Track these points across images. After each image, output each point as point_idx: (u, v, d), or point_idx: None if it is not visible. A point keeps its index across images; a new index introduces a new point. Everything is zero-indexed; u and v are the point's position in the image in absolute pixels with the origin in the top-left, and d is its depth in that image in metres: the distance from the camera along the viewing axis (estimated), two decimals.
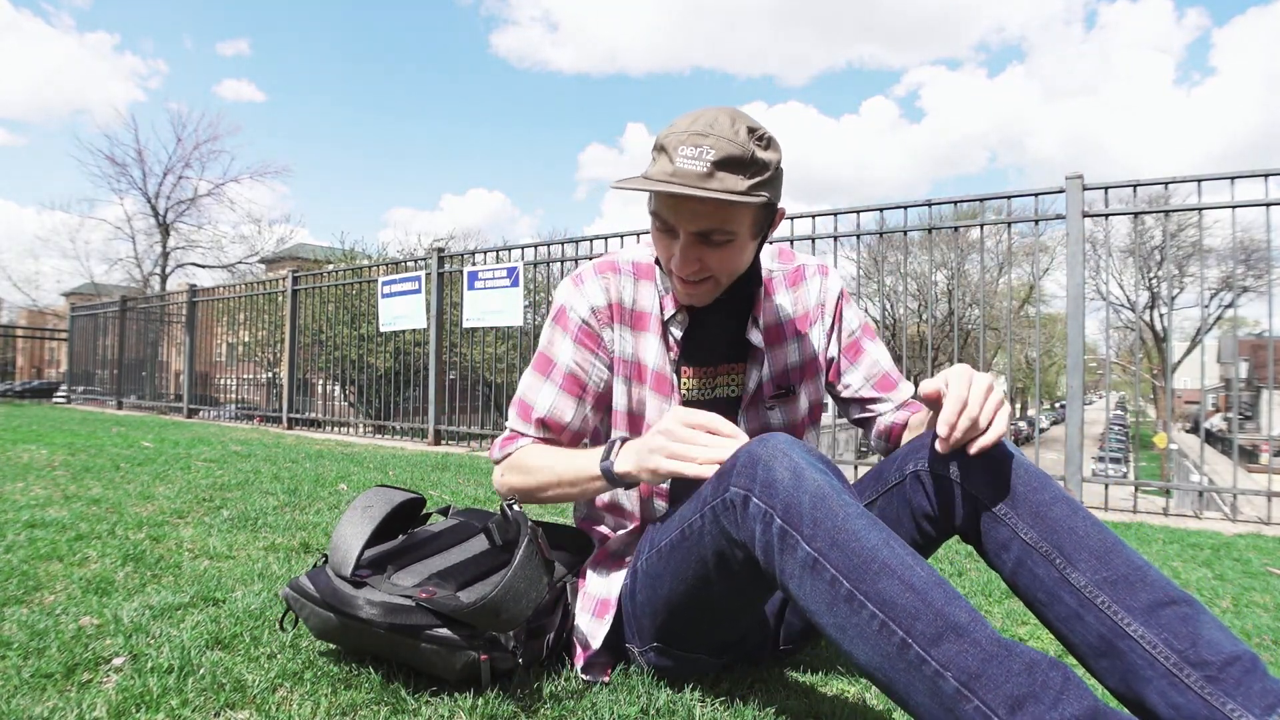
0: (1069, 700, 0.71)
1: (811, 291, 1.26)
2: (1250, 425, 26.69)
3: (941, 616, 0.76)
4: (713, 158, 0.98)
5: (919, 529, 1.05)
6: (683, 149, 1.00)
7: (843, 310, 1.27)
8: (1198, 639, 0.82)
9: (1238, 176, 3.16)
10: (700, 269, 1.08)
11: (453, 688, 1.05)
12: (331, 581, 1.09)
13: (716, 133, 1.00)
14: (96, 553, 1.71)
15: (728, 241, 1.06)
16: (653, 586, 1.06)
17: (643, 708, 1.02)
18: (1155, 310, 25.77)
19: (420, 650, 1.03)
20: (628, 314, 1.19)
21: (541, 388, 1.20)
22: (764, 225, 1.10)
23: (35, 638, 1.17)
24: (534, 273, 5.47)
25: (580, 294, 1.19)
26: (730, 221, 1.04)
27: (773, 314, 1.23)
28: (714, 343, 1.20)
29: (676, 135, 1.02)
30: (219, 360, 8.93)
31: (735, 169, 0.99)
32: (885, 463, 1.10)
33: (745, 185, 1.00)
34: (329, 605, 1.07)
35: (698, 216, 1.03)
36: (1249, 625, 1.60)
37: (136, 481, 2.76)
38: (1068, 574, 0.89)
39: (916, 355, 16.90)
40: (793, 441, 0.92)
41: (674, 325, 1.17)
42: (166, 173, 24.13)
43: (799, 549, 0.84)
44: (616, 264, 1.21)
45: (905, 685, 0.77)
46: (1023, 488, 0.95)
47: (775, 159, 1.04)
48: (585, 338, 1.18)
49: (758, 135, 1.02)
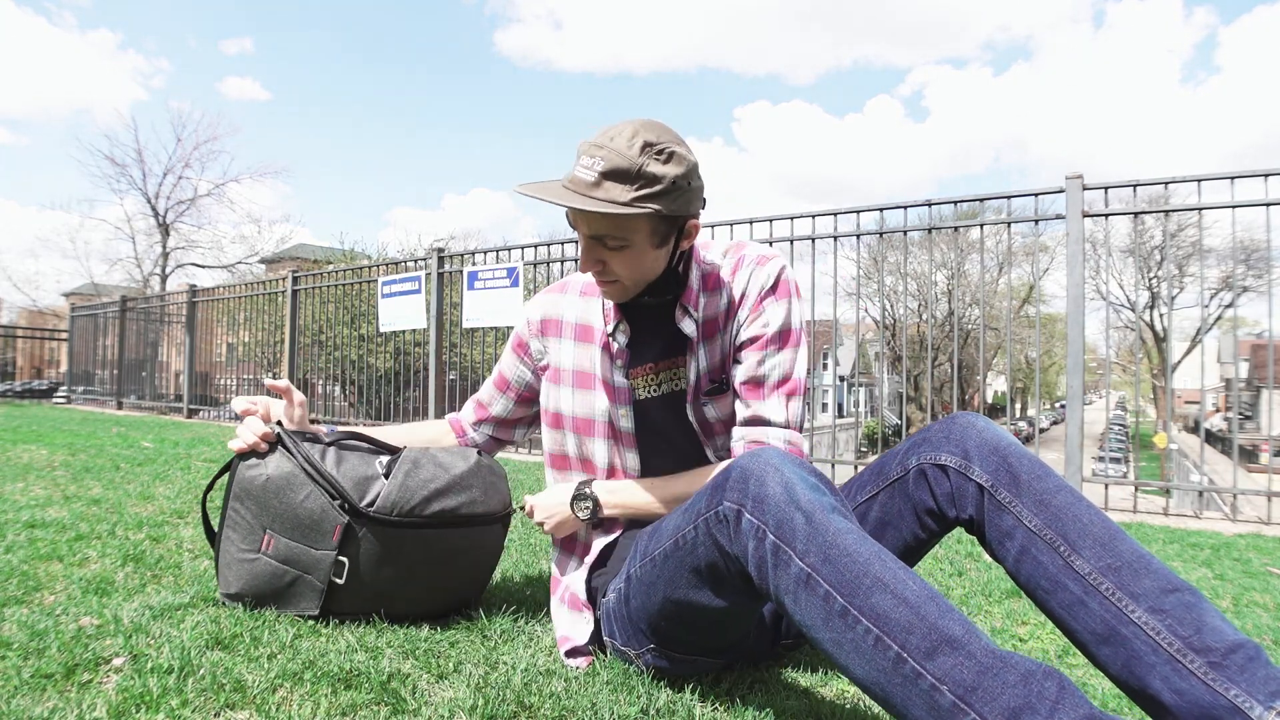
0: (1065, 709, 0.71)
1: (742, 279, 1.23)
2: (1250, 425, 26.69)
3: (936, 630, 0.77)
4: (601, 168, 1.06)
5: (921, 523, 1.06)
6: (583, 157, 1.09)
7: (765, 307, 1.20)
8: (1202, 626, 0.82)
9: (1238, 176, 3.16)
10: (603, 270, 1.16)
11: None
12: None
13: (612, 145, 1.07)
14: (96, 553, 1.71)
15: (622, 247, 1.13)
16: (646, 594, 1.07)
17: (643, 708, 1.02)
18: (1155, 310, 25.82)
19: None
20: (569, 328, 1.33)
21: (490, 379, 1.47)
22: (666, 235, 1.14)
23: (35, 638, 1.17)
24: (534, 273, 5.47)
25: (526, 308, 1.41)
26: (621, 229, 1.11)
27: (711, 307, 1.24)
28: (653, 342, 1.26)
29: (584, 143, 1.10)
30: (219, 360, 8.93)
31: (621, 180, 1.06)
32: (887, 457, 1.12)
33: (628, 196, 1.06)
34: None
35: (588, 221, 1.12)
36: (1249, 625, 1.60)
37: (136, 481, 2.76)
38: (1072, 561, 0.90)
39: (917, 355, 16.89)
40: (785, 456, 0.93)
41: (618, 334, 1.24)
42: (166, 173, 24.12)
43: (792, 564, 0.84)
44: (566, 285, 1.38)
45: (902, 700, 0.77)
46: (1026, 476, 0.96)
47: (673, 173, 1.08)
48: (517, 346, 1.41)
49: (656, 149, 1.07)
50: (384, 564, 1.29)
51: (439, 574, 1.36)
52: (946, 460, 1.02)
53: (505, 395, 1.44)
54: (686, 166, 1.10)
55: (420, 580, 1.33)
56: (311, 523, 1.27)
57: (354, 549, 1.28)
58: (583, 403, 1.30)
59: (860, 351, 26.99)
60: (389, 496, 1.29)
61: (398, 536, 1.29)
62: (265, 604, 1.32)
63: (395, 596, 1.32)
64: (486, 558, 1.44)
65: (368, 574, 1.29)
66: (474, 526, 1.37)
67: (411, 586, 1.33)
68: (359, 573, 1.28)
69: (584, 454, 1.31)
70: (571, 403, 1.31)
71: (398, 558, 1.30)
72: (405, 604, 1.34)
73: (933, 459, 1.03)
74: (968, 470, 1.00)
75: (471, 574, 1.43)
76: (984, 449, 1.00)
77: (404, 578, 1.31)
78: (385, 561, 1.29)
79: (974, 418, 1.04)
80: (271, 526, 1.29)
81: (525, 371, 1.40)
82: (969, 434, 1.02)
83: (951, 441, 1.02)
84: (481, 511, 1.37)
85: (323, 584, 1.28)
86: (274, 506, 1.29)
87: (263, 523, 1.29)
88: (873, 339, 27.15)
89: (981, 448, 1.00)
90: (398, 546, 1.30)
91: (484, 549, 1.42)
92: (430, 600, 1.37)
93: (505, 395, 1.44)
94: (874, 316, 24.87)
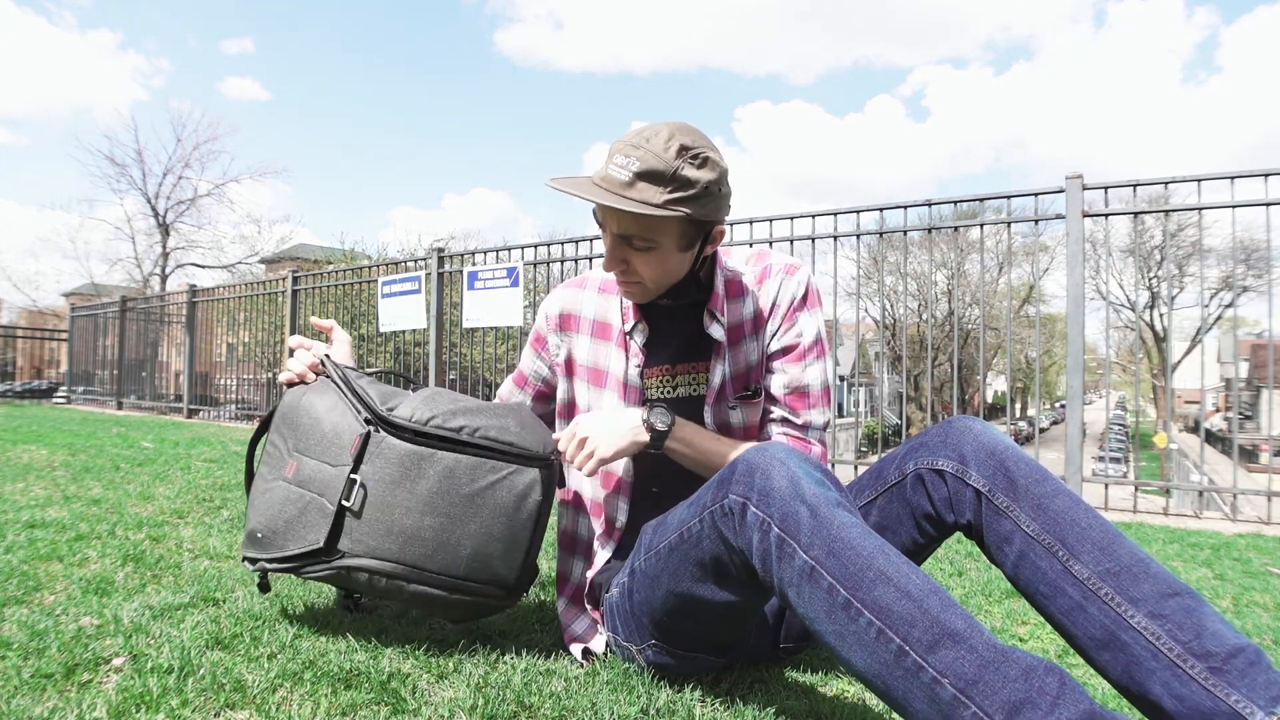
0: (1065, 704, 0.71)
1: (771, 289, 1.25)
2: (1250, 425, 26.70)
3: (938, 623, 0.77)
4: (636, 169, 1.06)
5: (919, 528, 1.05)
6: (616, 156, 1.09)
7: (799, 318, 1.24)
8: (1202, 630, 0.82)
9: (1238, 176, 3.16)
10: (627, 270, 1.17)
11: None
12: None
13: (648, 146, 1.07)
14: (96, 553, 1.71)
15: (649, 249, 1.13)
16: (650, 587, 1.07)
17: (643, 708, 1.02)
18: (1155, 310, 25.82)
19: None
20: (586, 324, 1.32)
21: (510, 376, 1.47)
22: (693, 239, 1.15)
23: (35, 638, 1.17)
24: (534, 273, 5.47)
25: (545, 304, 1.38)
26: (650, 230, 1.11)
27: (736, 314, 1.25)
28: (671, 344, 1.26)
29: (619, 142, 1.11)
30: (219, 360, 8.93)
31: (655, 182, 1.06)
32: (885, 461, 1.12)
33: (662, 199, 1.06)
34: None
35: (619, 221, 1.12)
36: (1249, 625, 1.60)
37: (136, 482, 2.76)
38: (1070, 566, 0.90)
39: (917, 355, 16.89)
40: (790, 451, 0.94)
41: (636, 334, 1.25)
42: (166, 173, 24.14)
43: (796, 557, 0.85)
44: (585, 280, 1.36)
45: (903, 692, 0.78)
46: (1024, 480, 0.96)
47: (706, 178, 1.08)
48: (535, 342, 1.39)
49: (691, 154, 1.07)
50: (398, 487, 1.16)
51: (460, 518, 1.16)
52: (943, 465, 1.02)
53: (523, 391, 1.43)
54: (719, 172, 1.10)
55: (439, 518, 1.16)
56: (334, 434, 1.22)
57: (370, 468, 1.17)
58: (594, 398, 1.30)
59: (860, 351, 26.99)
60: (413, 405, 1.21)
61: (415, 455, 1.17)
62: (277, 542, 1.21)
63: (409, 538, 1.15)
64: (521, 516, 1.19)
65: (380, 499, 1.16)
66: (507, 459, 1.18)
67: (427, 528, 1.15)
68: (371, 498, 1.16)
69: None
70: (585, 397, 1.31)
71: (415, 480, 1.16)
72: (419, 554, 1.16)
73: (930, 464, 1.03)
74: (965, 475, 1.00)
75: (503, 532, 1.18)
76: (981, 453, 0.99)
77: (420, 510, 1.15)
78: (399, 484, 1.16)
79: (971, 421, 1.04)
80: (298, 449, 1.25)
81: (542, 367, 1.39)
82: (966, 438, 1.01)
83: (948, 446, 1.02)
84: (515, 442, 1.19)
85: (333, 505, 1.17)
86: (302, 424, 1.25)
87: (291, 445, 1.26)
88: (873, 339, 27.15)
89: (978, 452, 0.99)
90: (415, 466, 1.16)
91: (517, 502, 1.19)
92: (449, 559, 1.16)
93: (523, 391, 1.43)
94: (874, 316, 24.90)
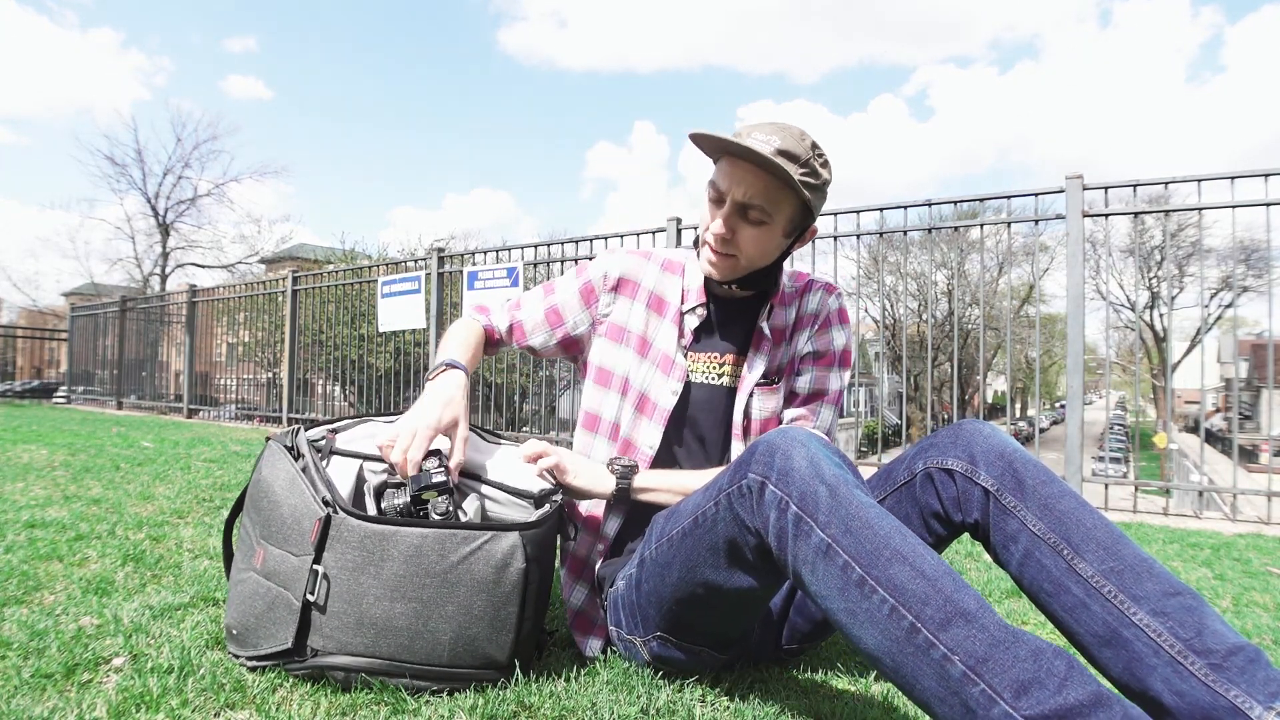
0: (1073, 686, 0.73)
1: (812, 302, 1.34)
2: (1250, 425, 26.70)
3: (951, 602, 0.78)
4: (778, 145, 1.13)
5: (928, 528, 1.08)
6: (756, 134, 1.15)
7: (832, 330, 1.34)
8: (1203, 628, 0.84)
9: (1238, 176, 3.16)
10: (731, 240, 1.20)
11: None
12: None
13: (787, 132, 1.15)
14: (96, 553, 1.71)
15: (762, 222, 1.18)
16: (661, 575, 1.08)
17: (643, 708, 1.02)
18: (1155, 310, 25.81)
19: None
20: (644, 293, 1.34)
21: (535, 305, 1.40)
22: (797, 227, 1.23)
23: (35, 638, 1.17)
24: (534, 273, 5.47)
25: (604, 259, 1.37)
26: (772, 202, 1.17)
27: (779, 319, 1.32)
28: (723, 334, 1.32)
29: (755, 125, 1.17)
30: (219, 360, 8.92)
31: (792, 161, 1.13)
32: (895, 462, 1.14)
33: (797, 175, 1.13)
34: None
35: (747, 186, 1.16)
36: (1249, 625, 1.60)
37: (136, 481, 2.76)
38: (1075, 564, 0.92)
39: (916, 355, 16.89)
40: (810, 434, 0.96)
41: (691, 316, 1.30)
42: (166, 173, 24.20)
43: (813, 535, 0.86)
44: (650, 254, 1.38)
45: (913, 669, 0.79)
46: (1032, 481, 0.98)
47: (827, 177, 1.19)
48: (586, 290, 1.36)
49: (818, 152, 1.17)
50: (362, 573, 1.02)
51: (434, 601, 1.03)
52: (953, 465, 1.04)
53: (552, 332, 1.37)
54: (830, 178, 1.20)
55: (410, 603, 1.02)
56: (294, 519, 1.07)
57: (332, 555, 1.03)
58: (634, 368, 1.30)
59: (860, 351, 26.96)
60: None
61: (377, 535, 1.02)
62: (251, 640, 1.09)
63: (380, 629, 1.02)
64: (503, 589, 1.05)
65: (345, 589, 1.02)
66: (478, 526, 1.06)
67: (399, 616, 1.02)
68: (336, 589, 1.02)
69: (617, 417, 1.31)
70: (626, 365, 1.31)
71: (380, 564, 1.02)
72: (394, 645, 1.02)
73: (939, 463, 1.06)
74: (974, 475, 1.02)
75: (485, 610, 1.04)
76: (990, 454, 1.02)
77: (389, 597, 1.02)
78: (363, 570, 1.02)
79: (980, 424, 1.07)
80: (263, 535, 1.12)
81: (584, 319, 1.36)
82: (975, 439, 1.04)
83: (958, 447, 1.05)
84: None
85: (299, 601, 1.03)
86: (263, 507, 1.13)
87: (259, 532, 1.13)
88: (873, 339, 27.16)
89: (988, 453, 1.02)
90: (378, 548, 1.02)
91: (497, 574, 1.04)
92: (429, 648, 1.03)
93: (552, 332, 1.37)
94: (874, 316, 24.90)
